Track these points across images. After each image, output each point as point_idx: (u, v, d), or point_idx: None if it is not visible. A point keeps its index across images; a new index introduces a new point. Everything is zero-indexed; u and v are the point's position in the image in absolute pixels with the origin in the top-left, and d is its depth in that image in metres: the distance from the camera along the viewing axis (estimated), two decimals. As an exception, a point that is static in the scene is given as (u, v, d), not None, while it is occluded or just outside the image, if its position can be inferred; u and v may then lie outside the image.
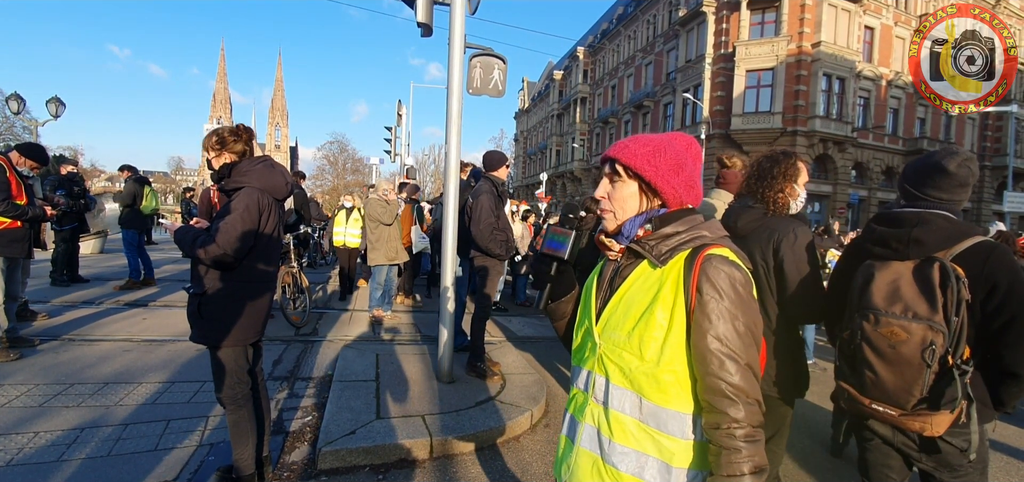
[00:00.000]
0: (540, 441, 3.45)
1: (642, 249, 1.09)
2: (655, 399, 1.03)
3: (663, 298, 1.03)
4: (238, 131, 2.45)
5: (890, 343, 1.48)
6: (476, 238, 4.24)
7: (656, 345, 1.02)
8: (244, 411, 2.49)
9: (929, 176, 1.64)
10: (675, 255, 1.05)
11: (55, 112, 15.83)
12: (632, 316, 1.06)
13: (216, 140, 2.41)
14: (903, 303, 1.48)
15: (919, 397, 1.47)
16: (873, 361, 1.52)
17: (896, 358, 1.48)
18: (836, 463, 3.42)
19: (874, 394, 1.55)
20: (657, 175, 1.09)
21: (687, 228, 1.08)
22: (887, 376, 1.50)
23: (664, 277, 1.04)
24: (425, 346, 5.28)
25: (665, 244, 1.07)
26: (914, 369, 1.45)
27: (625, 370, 1.05)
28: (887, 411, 1.54)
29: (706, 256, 1.02)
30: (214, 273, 2.36)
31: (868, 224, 1.76)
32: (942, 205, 1.61)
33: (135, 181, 7.62)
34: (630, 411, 1.05)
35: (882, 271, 1.56)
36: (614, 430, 1.07)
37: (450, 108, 3.89)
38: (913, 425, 1.50)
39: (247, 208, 2.33)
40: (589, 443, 1.12)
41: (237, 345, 2.42)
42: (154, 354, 4.56)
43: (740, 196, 2.08)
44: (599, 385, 1.11)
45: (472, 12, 4.02)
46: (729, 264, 1.01)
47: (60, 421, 3.19)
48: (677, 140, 1.13)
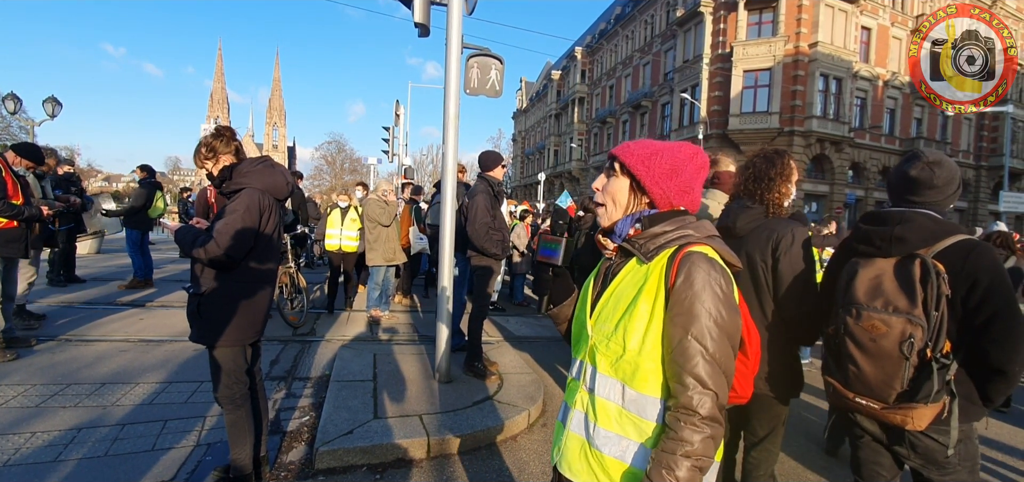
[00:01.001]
0: (537, 440, 3.46)
1: (632, 247, 1.15)
2: (636, 386, 1.09)
3: (647, 292, 1.09)
4: (222, 134, 2.46)
5: (871, 337, 1.51)
6: (472, 238, 4.25)
7: (639, 335, 1.08)
8: (242, 411, 2.50)
9: (902, 184, 1.69)
10: (660, 252, 1.11)
11: (52, 112, 15.79)
12: (619, 309, 1.12)
13: (206, 151, 2.42)
14: (884, 297, 1.51)
15: (899, 390, 1.50)
16: (855, 355, 1.55)
17: (877, 351, 1.51)
18: (830, 462, 3.44)
19: (857, 388, 1.58)
20: (648, 175, 1.16)
21: (674, 228, 1.14)
22: (868, 369, 1.53)
23: (649, 272, 1.11)
24: (423, 346, 5.29)
25: (652, 242, 1.13)
26: (893, 362, 1.48)
27: (612, 360, 1.11)
28: (870, 404, 1.56)
29: (687, 253, 1.07)
30: (213, 273, 2.36)
31: (856, 223, 1.78)
32: (926, 207, 1.63)
33: (150, 184, 7.62)
34: (614, 398, 1.11)
35: (866, 268, 1.59)
36: (599, 416, 1.13)
37: (447, 109, 3.90)
38: (895, 418, 1.53)
39: (248, 208, 2.34)
40: (577, 427, 1.18)
41: (236, 345, 2.43)
42: (151, 354, 4.56)
43: (736, 197, 2.10)
44: (588, 373, 1.17)
45: (469, 12, 4.03)
46: (707, 261, 1.06)
47: (57, 421, 3.19)
48: (680, 149, 1.19)
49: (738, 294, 1.16)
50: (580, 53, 42.26)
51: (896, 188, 1.72)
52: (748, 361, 1.23)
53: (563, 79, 46.56)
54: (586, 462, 1.14)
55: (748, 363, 1.23)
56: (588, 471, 1.14)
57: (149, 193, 7.50)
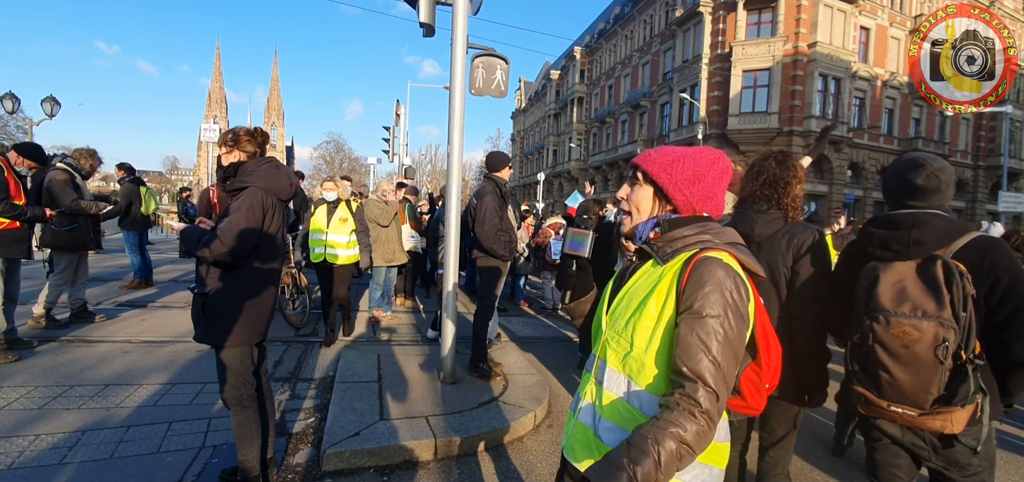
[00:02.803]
0: (544, 442, 3.45)
1: (650, 249, 1.18)
2: (641, 384, 1.11)
3: (658, 292, 1.11)
4: (254, 133, 2.48)
5: (903, 343, 1.49)
6: (480, 239, 4.23)
7: (646, 334, 1.10)
8: (249, 412, 2.49)
9: (904, 191, 1.68)
10: (677, 255, 1.12)
11: (50, 111, 15.74)
12: (631, 308, 1.15)
13: (231, 137, 2.44)
14: (911, 302, 1.50)
15: (936, 395, 1.49)
16: (887, 362, 1.54)
17: (910, 358, 1.49)
18: (837, 462, 3.43)
19: (891, 396, 1.56)
20: (671, 182, 1.18)
21: (694, 232, 1.14)
22: (903, 376, 1.52)
23: (664, 274, 1.12)
24: (426, 347, 5.27)
25: (670, 245, 1.15)
26: (929, 367, 1.47)
27: (620, 355, 1.14)
28: (906, 412, 1.55)
29: (703, 257, 1.07)
30: (218, 273, 2.36)
31: (864, 227, 1.77)
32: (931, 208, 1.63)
33: (131, 182, 7.57)
34: (619, 392, 1.14)
35: (886, 272, 1.58)
36: (604, 407, 1.16)
37: (453, 109, 3.88)
38: (933, 424, 1.51)
39: (251, 207, 2.33)
40: (585, 417, 1.21)
41: (242, 345, 2.41)
42: (154, 355, 4.54)
43: (750, 201, 2.09)
44: (600, 367, 1.20)
45: (474, 12, 4.01)
46: (722, 266, 1.06)
47: (61, 423, 3.17)
48: (702, 155, 1.21)
49: (757, 303, 1.15)
50: (579, 53, 42.26)
51: (896, 193, 1.71)
52: (762, 372, 1.19)
53: (562, 79, 46.56)
54: (590, 450, 1.16)
55: (762, 374, 1.19)
56: (591, 459, 1.16)
57: (131, 190, 7.46)
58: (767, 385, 1.20)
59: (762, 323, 1.17)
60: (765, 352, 1.18)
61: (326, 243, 5.12)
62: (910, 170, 1.67)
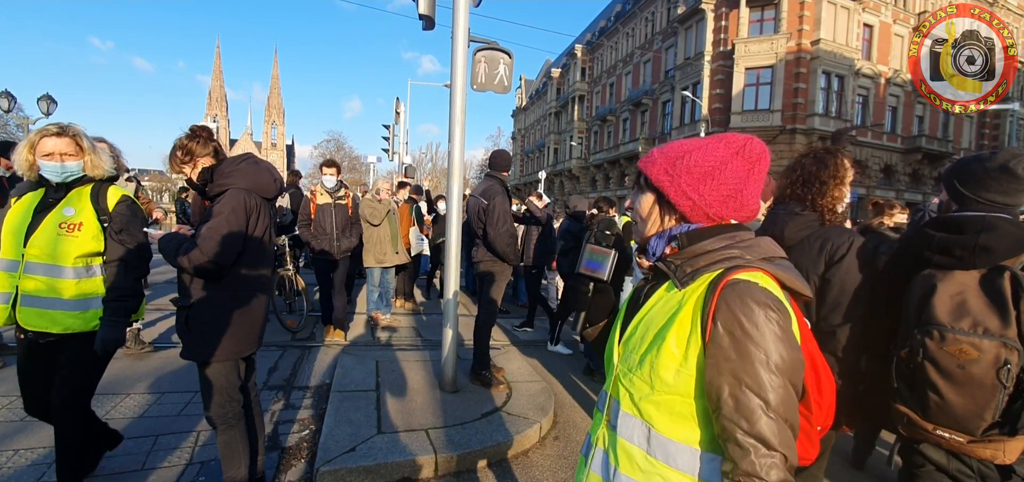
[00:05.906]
0: (550, 456, 3.29)
1: (666, 268, 0.97)
2: (664, 430, 0.92)
3: (679, 325, 0.90)
4: (198, 134, 2.27)
5: (958, 363, 1.33)
6: (493, 240, 4.05)
7: (668, 375, 0.90)
8: (236, 430, 2.32)
9: (991, 179, 1.48)
10: (699, 277, 0.92)
11: (47, 110, 15.57)
12: (647, 340, 0.95)
13: (182, 154, 2.23)
14: (971, 318, 1.34)
15: (991, 421, 1.33)
16: (938, 383, 1.37)
17: (966, 379, 1.33)
18: (857, 475, 3.28)
19: (939, 419, 1.40)
20: (672, 186, 0.97)
21: (720, 247, 0.93)
22: (955, 399, 1.35)
23: (684, 301, 0.92)
24: (426, 352, 5.11)
25: (690, 264, 0.94)
26: (987, 391, 1.31)
27: (635, 396, 0.95)
28: (954, 438, 1.38)
29: (730, 281, 0.87)
30: (201, 282, 2.18)
31: (922, 229, 1.59)
32: (1004, 210, 1.46)
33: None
34: (638, 441, 0.96)
35: (944, 282, 1.41)
36: (620, 460, 0.98)
37: (454, 105, 3.71)
38: (983, 453, 1.36)
39: (233, 210, 2.15)
40: (598, 467, 1.05)
41: (229, 359, 2.25)
42: (143, 363, 4.37)
43: (781, 200, 1.91)
44: (613, 408, 1.03)
45: (476, 3, 3.84)
46: (758, 291, 0.86)
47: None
48: (719, 144, 0.98)
49: (804, 330, 0.95)
50: (580, 50, 42.03)
51: (979, 183, 1.48)
52: (813, 417, 0.97)
53: (563, 77, 46.33)
54: None
55: (813, 417, 0.97)
56: None
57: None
58: (819, 428, 0.99)
59: (810, 353, 0.95)
60: (815, 390, 0.97)
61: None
62: (1011, 159, 1.45)
